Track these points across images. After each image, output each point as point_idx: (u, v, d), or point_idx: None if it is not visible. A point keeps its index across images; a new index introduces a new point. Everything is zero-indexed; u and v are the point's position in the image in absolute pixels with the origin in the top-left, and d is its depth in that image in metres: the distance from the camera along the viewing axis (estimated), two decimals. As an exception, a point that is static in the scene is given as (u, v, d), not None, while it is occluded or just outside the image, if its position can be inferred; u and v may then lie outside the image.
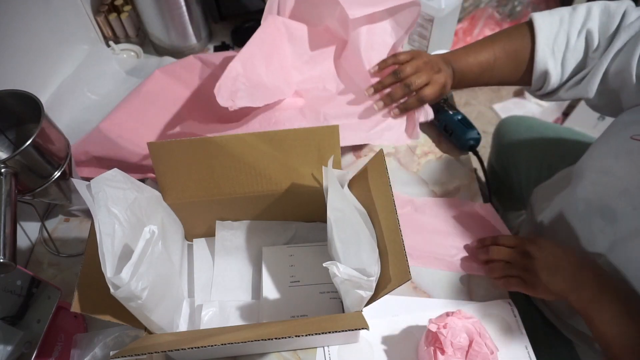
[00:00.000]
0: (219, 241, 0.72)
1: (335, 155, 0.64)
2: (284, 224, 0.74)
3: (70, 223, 0.79)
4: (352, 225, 0.59)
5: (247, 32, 1.03)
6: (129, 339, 0.64)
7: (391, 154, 0.86)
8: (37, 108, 0.59)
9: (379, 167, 0.59)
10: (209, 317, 0.67)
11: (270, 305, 0.66)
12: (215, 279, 0.71)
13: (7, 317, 0.61)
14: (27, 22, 0.78)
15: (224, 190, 0.66)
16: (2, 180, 0.55)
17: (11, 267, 0.51)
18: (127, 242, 0.54)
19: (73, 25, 0.92)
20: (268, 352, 0.65)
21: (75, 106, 0.88)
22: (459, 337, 0.57)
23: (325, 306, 0.67)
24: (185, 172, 0.64)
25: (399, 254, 0.53)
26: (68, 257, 0.75)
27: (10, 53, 0.75)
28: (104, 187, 0.54)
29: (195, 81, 0.82)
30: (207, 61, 0.82)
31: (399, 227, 0.54)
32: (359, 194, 0.64)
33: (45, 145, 0.59)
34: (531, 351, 0.64)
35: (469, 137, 0.82)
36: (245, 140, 0.63)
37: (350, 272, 0.53)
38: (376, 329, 0.66)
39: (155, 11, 0.92)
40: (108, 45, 0.99)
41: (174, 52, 0.99)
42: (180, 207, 0.68)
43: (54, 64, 0.87)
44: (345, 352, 0.65)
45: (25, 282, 0.63)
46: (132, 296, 0.50)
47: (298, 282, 0.68)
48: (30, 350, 0.60)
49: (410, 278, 0.50)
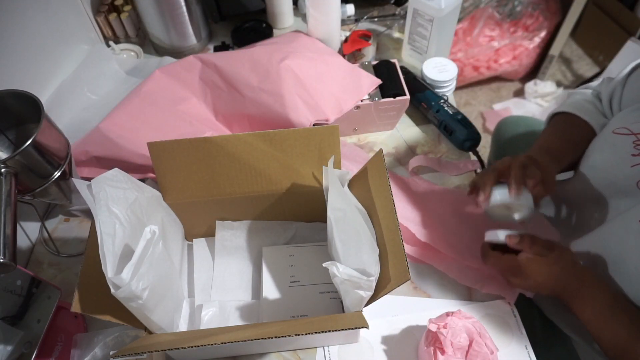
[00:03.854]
0: (219, 241, 0.72)
1: (335, 155, 0.64)
2: (284, 224, 0.74)
3: (70, 223, 0.79)
4: (352, 225, 0.59)
5: (247, 32, 1.03)
6: (129, 339, 0.64)
7: (391, 154, 0.86)
8: (37, 108, 0.59)
9: (379, 167, 0.59)
10: (209, 317, 0.67)
11: (270, 305, 0.66)
12: (215, 279, 0.71)
13: (7, 317, 0.61)
14: (27, 22, 0.78)
15: (224, 190, 0.66)
16: (2, 180, 0.55)
17: (11, 267, 0.51)
18: (127, 242, 0.54)
19: (73, 25, 0.92)
20: (268, 352, 0.65)
21: (75, 106, 0.88)
22: (459, 337, 0.57)
23: (325, 306, 0.67)
24: (185, 172, 0.64)
25: (398, 253, 0.53)
26: (68, 257, 0.75)
27: (10, 53, 0.75)
28: (105, 187, 0.54)
29: (195, 81, 0.82)
30: (207, 61, 0.82)
31: (398, 227, 0.54)
32: (359, 193, 0.64)
33: (45, 145, 0.59)
34: (531, 351, 0.64)
35: (468, 137, 0.83)
36: (245, 140, 0.63)
37: (350, 272, 0.53)
38: (376, 329, 0.66)
39: (155, 11, 0.92)
40: (108, 45, 0.99)
41: (174, 52, 0.99)
42: (180, 207, 0.68)
43: (54, 64, 0.87)
44: (345, 352, 0.65)
45: (25, 282, 0.63)
46: (133, 296, 0.50)
47: (298, 282, 0.68)
48: (30, 350, 0.60)
49: (409, 278, 0.50)
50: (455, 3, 0.87)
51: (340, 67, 0.84)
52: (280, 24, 1.06)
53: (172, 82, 0.82)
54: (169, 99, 0.81)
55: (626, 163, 0.62)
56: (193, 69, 0.83)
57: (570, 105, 0.78)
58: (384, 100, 0.82)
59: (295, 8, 1.09)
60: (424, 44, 0.94)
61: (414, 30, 0.93)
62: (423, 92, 0.88)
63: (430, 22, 0.89)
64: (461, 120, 0.84)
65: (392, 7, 1.10)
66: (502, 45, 1.77)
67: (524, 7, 1.75)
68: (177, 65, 0.84)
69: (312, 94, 0.79)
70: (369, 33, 0.95)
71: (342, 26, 1.04)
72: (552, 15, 1.78)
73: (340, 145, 0.65)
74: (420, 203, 0.77)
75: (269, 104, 0.78)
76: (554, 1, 1.80)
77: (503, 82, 1.98)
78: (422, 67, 0.91)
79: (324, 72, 0.82)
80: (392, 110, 0.85)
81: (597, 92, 0.78)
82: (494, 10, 1.73)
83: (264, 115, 0.79)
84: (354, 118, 0.84)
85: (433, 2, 0.86)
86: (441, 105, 0.86)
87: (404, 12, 1.07)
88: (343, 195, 0.61)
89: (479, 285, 0.69)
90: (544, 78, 1.93)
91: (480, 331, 0.58)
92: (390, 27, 1.07)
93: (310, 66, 0.81)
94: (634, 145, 0.62)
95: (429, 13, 0.88)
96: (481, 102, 1.93)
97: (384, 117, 0.86)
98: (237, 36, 1.02)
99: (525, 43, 1.79)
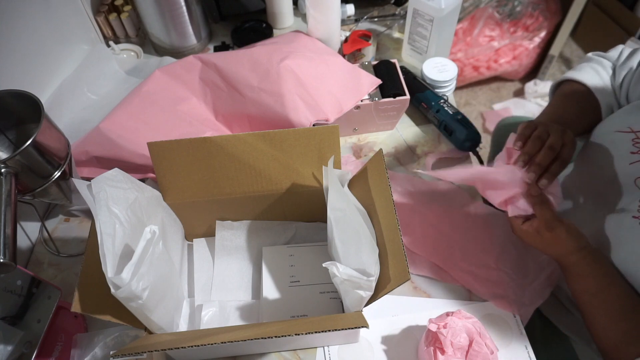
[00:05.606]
0: (219, 241, 0.72)
1: (335, 155, 0.64)
2: (284, 224, 0.74)
3: (70, 223, 0.79)
4: (352, 225, 0.59)
5: (247, 32, 1.03)
6: (129, 339, 0.64)
7: (391, 154, 0.86)
8: (37, 108, 0.59)
9: (379, 167, 0.59)
10: (209, 317, 0.67)
11: (270, 305, 0.66)
12: (215, 279, 0.71)
13: (7, 317, 0.61)
14: (27, 22, 0.78)
15: (224, 190, 0.66)
16: (2, 180, 0.55)
17: (11, 267, 0.51)
18: (127, 242, 0.54)
19: (73, 25, 0.92)
20: (268, 352, 0.65)
21: (75, 106, 0.88)
22: (459, 337, 0.57)
23: (325, 306, 0.67)
24: (185, 172, 0.64)
25: (398, 253, 0.53)
26: (68, 257, 0.75)
27: (10, 53, 0.75)
28: (105, 187, 0.54)
29: (195, 81, 0.82)
30: (207, 61, 0.82)
31: (398, 227, 0.54)
32: (359, 193, 0.64)
33: (45, 145, 0.59)
34: (531, 351, 0.64)
35: (468, 137, 0.83)
36: (245, 140, 0.63)
37: (350, 272, 0.53)
38: (376, 328, 0.66)
39: (155, 11, 0.92)
40: (108, 45, 0.99)
41: (174, 52, 0.99)
42: (180, 207, 0.68)
43: (54, 64, 0.87)
44: (345, 352, 0.65)
45: (26, 282, 0.63)
46: (133, 296, 0.50)
47: (298, 282, 0.68)
48: (30, 350, 0.60)
49: (409, 278, 0.50)
50: (455, 3, 0.87)
51: (340, 67, 0.84)
52: (280, 24, 1.06)
53: (172, 82, 0.82)
54: (169, 99, 0.81)
55: (625, 160, 0.63)
56: (193, 69, 0.83)
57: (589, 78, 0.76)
58: (384, 100, 0.82)
59: (295, 8, 1.09)
60: (424, 44, 0.94)
61: (414, 30, 0.93)
62: (423, 92, 0.88)
63: (430, 22, 0.89)
64: (461, 120, 0.84)
65: (392, 7, 1.10)
66: (502, 45, 1.77)
67: (524, 7, 1.75)
68: (177, 65, 0.84)
69: (312, 94, 0.79)
70: (369, 33, 0.95)
71: (342, 26, 1.04)
72: (552, 15, 1.78)
73: (340, 145, 0.65)
74: (419, 205, 0.77)
75: (269, 104, 0.78)
76: (554, 1, 1.80)
77: (503, 82, 1.98)
78: (422, 67, 0.91)
79: (324, 72, 0.82)
80: (392, 110, 0.85)
81: (614, 66, 0.76)
82: (494, 10, 1.73)
83: (264, 115, 0.79)
84: (354, 118, 0.84)
85: (433, 2, 0.86)
86: (441, 105, 0.86)
87: (404, 12, 1.07)
88: (343, 195, 0.61)
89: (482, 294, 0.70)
90: (544, 78, 1.93)
91: (480, 331, 0.58)
92: (390, 27, 1.07)
93: (310, 66, 0.81)
94: (633, 143, 0.62)
95: (429, 13, 0.88)
96: (481, 102, 1.93)
97: (384, 117, 0.86)
98: (237, 36, 1.02)
99: (525, 43, 1.79)
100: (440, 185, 0.81)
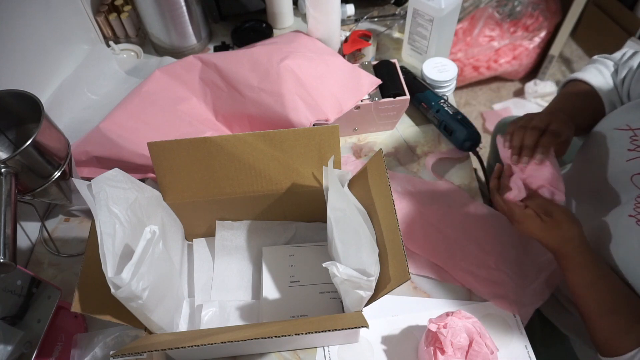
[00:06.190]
0: (219, 241, 0.72)
1: (335, 155, 0.64)
2: (284, 224, 0.74)
3: (70, 223, 0.79)
4: (352, 225, 0.59)
5: (247, 32, 1.03)
6: (129, 339, 0.64)
7: (391, 154, 0.86)
8: (37, 108, 0.59)
9: (379, 167, 0.59)
10: (209, 317, 0.67)
11: (270, 305, 0.66)
12: (215, 279, 0.71)
13: (7, 317, 0.61)
14: (27, 22, 0.78)
15: (224, 190, 0.66)
16: (2, 180, 0.55)
17: (11, 267, 0.51)
18: (127, 242, 0.54)
19: (73, 25, 0.92)
20: (268, 352, 0.65)
21: (75, 106, 0.88)
22: (459, 337, 0.57)
23: (325, 306, 0.67)
24: (185, 172, 0.64)
25: (398, 253, 0.53)
26: (68, 257, 0.75)
27: (10, 53, 0.75)
28: (105, 187, 0.54)
29: (195, 81, 0.82)
30: (207, 61, 0.82)
31: (398, 227, 0.54)
32: (359, 193, 0.64)
33: (45, 145, 0.59)
34: (531, 351, 0.64)
35: (468, 137, 0.83)
36: (245, 140, 0.63)
37: (350, 272, 0.53)
38: (376, 328, 0.66)
39: (155, 11, 0.92)
40: (108, 45, 0.99)
41: (174, 52, 0.99)
42: (180, 207, 0.68)
43: (54, 64, 0.87)
44: (345, 352, 0.65)
45: (26, 282, 0.63)
46: (133, 296, 0.50)
47: (298, 282, 0.68)
48: (30, 350, 0.60)
49: (409, 278, 0.50)
50: (455, 3, 0.87)
51: (340, 67, 0.84)
52: (280, 24, 1.06)
53: (172, 82, 0.82)
54: (169, 99, 0.81)
55: (622, 157, 0.63)
56: (193, 69, 0.83)
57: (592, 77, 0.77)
58: (384, 100, 0.82)
59: (295, 8, 1.09)
60: (424, 44, 0.94)
61: (414, 30, 0.93)
62: (423, 92, 0.88)
63: (430, 22, 0.89)
64: (461, 120, 0.84)
65: (392, 7, 1.10)
66: (502, 45, 1.77)
67: (524, 7, 1.75)
68: (177, 65, 0.84)
69: (312, 94, 0.79)
70: (369, 33, 0.95)
71: (342, 26, 1.04)
72: (552, 15, 1.78)
73: (340, 145, 0.65)
74: (419, 205, 0.77)
75: (269, 104, 0.78)
76: (554, 1, 1.79)
77: (503, 82, 1.98)
78: (422, 67, 0.91)
79: (324, 72, 0.81)
80: (392, 110, 0.85)
81: (617, 66, 0.78)
82: (494, 10, 1.73)
83: (264, 115, 0.79)
84: (354, 118, 0.84)
85: (433, 2, 0.86)
86: (441, 105, 0.86)
87: (404, 12, 1.07)
88: (343, 195, 0.61)
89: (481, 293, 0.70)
90: (544, 78, 1.93)
91: (480, 331, 0.58)
92: (390, 27, 1.07)
93: (310, 66, 0.81)
94: (631, 140, 0.62)
95: (429, 13, 0.88)
96: (481, 102, 1.93)
97: (384, 117, 0.86)
98: (237, 36, 1.02)
99: (525, 43, 1.79)
100: (440, 185, 0.81)
